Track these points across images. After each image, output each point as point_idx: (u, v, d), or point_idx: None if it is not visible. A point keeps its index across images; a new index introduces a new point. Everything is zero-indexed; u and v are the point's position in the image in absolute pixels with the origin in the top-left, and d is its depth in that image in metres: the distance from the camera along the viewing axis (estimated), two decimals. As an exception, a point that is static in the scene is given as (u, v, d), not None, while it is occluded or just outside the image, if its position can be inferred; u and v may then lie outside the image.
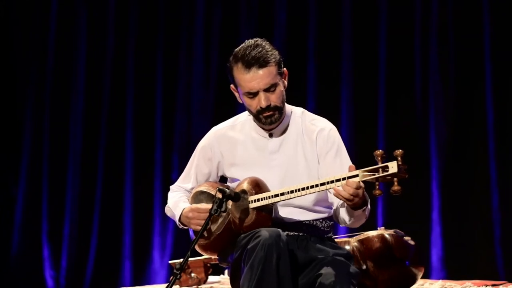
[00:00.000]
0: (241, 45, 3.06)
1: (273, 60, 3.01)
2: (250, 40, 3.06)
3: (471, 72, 5.51)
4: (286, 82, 3.10)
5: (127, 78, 6.15)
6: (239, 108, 5.00)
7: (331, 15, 5.80)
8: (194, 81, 6.09)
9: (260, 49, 3.01)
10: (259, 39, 3.06)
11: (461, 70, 5.53)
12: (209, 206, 2.97)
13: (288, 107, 3.17)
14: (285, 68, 3.09)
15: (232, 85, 3.12)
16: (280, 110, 3.06)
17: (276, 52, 3.04)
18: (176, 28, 6.13)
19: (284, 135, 3.14)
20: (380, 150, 2.72)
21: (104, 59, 6.18)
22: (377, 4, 5.70)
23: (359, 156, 5.35)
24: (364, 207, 2.90)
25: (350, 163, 3.09)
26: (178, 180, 3.32)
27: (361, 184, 2.76)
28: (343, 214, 3.03)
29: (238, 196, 2.95)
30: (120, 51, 6.17)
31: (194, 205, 3.07)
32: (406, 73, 5.64)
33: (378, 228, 3.78)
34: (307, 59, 5.79)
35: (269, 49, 3.02)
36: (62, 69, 6.21)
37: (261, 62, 2.99)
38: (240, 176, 3.10)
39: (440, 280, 4.47)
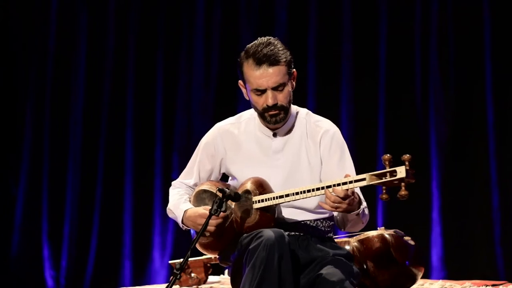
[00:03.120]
0: (253, 42, 3.06)
1: (284, 59, 3.02)
2: (263, 37, 3.06)
3: (471, 72, 5.51)
4: (294, 84, 3.09)
5: (127, 78, 6.15)
6: (239, 108, 5.01)
7: (331, 15, 5.80)
8: (194, 81, 6.09)
9: (272, 47, 3.01)
10: (272, 37, 3.06)
11: (461, 70, 5.53)
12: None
13: (294, 108, 3.17)
14: (294, 70, 3.09)
15: (240, 81, 3.11)
16: (286, 110, 3.06)
17: (288, 52, 3.04)
18: (176, 28, 6.13)
19: (288, 135, 3.14)
20: (388, 155, 2.71)
21: (104, 59, 6.18)
22: (377, 4, 5.70)
23: (359, 156, 5.35)
24: (358, 211, 2.90)
25: (352, 167, 3.10)
26: (181, 175, 3.31)
27: (347, 193, 2.77)
28: (340, 218, 3.05)
29: (238, 196, 2.94)
30: (120, 51, 6.17)
31: (203, 211, 3.04)
32: (406, 73, 5.64)
33: (378, 228, 3.78)
34: (307, 59, 5.79)
35: (281, 49, 3.02)
36: (62, 69, 6.21)
37: (272, 60, 2.99)
38: (242, 175, 3.10)
39: (440, 280, 4.47)
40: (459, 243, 5.44)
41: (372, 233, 3.68)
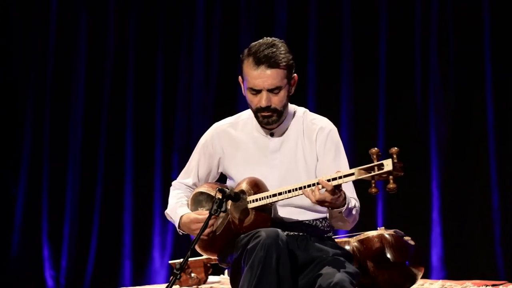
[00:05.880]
0: (258, 41, 3.05)
1: (284, 63, 3.00)
2: (268, 38, 3.06)
3: (471, 72, 5.51)
4: (293, 89, 3.09)
5: (127, 78, 6.15)
6: (239, 108, 5.00)
7: (331, 15, 5.80)
8: (194, 81, 6.09)
9: (274, 49, 3.00)
10: (277, 39, 3.05)
11: (461, 70, 5.53)
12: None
13: (291, 107, 3.17)
14: (295, 75, 3.08)
15: (240, 77, 3.12)
16: (279, 113, 3.06)
17: (290, 56, 3.03)
18: (176, 28, 6.13)
19: (285, 134, 3.14)
20: (376, 148, 2.72)
21: (104, 59, 6.17)
22: (377, 4, 5.70)
23: (359, 155, 5.36)
24: (341, 210, 2.89)
25: (347, 165, 3.10)
26: (180, 175, 3.32)
27: (334, 188, 2.77)
28: (328, 212, 3.04)
29: (238, 196, 2.95)
30: (120, 51, 6.17)
31: (194, 216, 3.04)
32: (406, 73, 5.64)
33: (378, 228, 3.78)
34: (307, 59, 5.79)
35: (283, 52, 3.01)
36: (62, 69, 6.21)
37: (271, 62, 2.99)
38: (240, 174, 3.10)
39: (440, 280, 4.47)
40: (459, 243, 5.43)
41: (372, 233, 3.68)
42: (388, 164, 2.67)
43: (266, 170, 3.09)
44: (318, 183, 2.80)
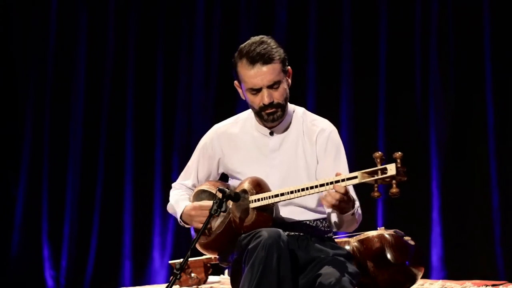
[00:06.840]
0: (247, 42, 3.06)
1: (278, 57, 3.02)
2: (255, 36, 3.07)
3: (471, 72, 5.51)
4: (290, 81, 3.10)
5: (127, 78, 6.15)
6: (239, 108, 5.01)
7: (331, 15, 5.80)
8: (194, 81, 6.09)
9: (265, 46, 3.01)
10: (265, 36, 3.07)
11: (461, 70, 5.53)
12: (211, 203, 2.96)
13: (291, 106, 3.18)
14: (289, 67, 3.09)
15: (235, 81, 3.12)
16: (282, 107, 3.07)
17: (281, 50, 3.05)
18: (176, 28, 6.14)
19: (285, 133, 3.15)
20: (379, 152, 2.71)
21: (104, 59, 6.18)
22: (377, 4, 5.70)
23: (359, 156, 5.36)
24: (353, 211, 2.90)
25: (346, 167, 3.10)
26: (180, 177, 3.33)
27: (346, 189, 2.77)
28: (334, 218, 3.03)
29: (238, 196, 2.95)
30: (120, 51, 6.17)
31: (197, 203, 3.08)
32: (406, 73, 5.64)
33: (378, 228, 3.78)
34: (307, 59, 5.79)
35: (274, 46, 3.03)
36: (62, 69, 6.21)
37: (265, 58, 3.00)
38: (240, 174, 3.11)
39: (440, 280, 4.47)
40: (459, 243, 5.44)
41: (372, 233, 3.68)
42: (391, 169, 2.66)
43: (266, 169, 3.09)
44: (323, 184, 2.79)
